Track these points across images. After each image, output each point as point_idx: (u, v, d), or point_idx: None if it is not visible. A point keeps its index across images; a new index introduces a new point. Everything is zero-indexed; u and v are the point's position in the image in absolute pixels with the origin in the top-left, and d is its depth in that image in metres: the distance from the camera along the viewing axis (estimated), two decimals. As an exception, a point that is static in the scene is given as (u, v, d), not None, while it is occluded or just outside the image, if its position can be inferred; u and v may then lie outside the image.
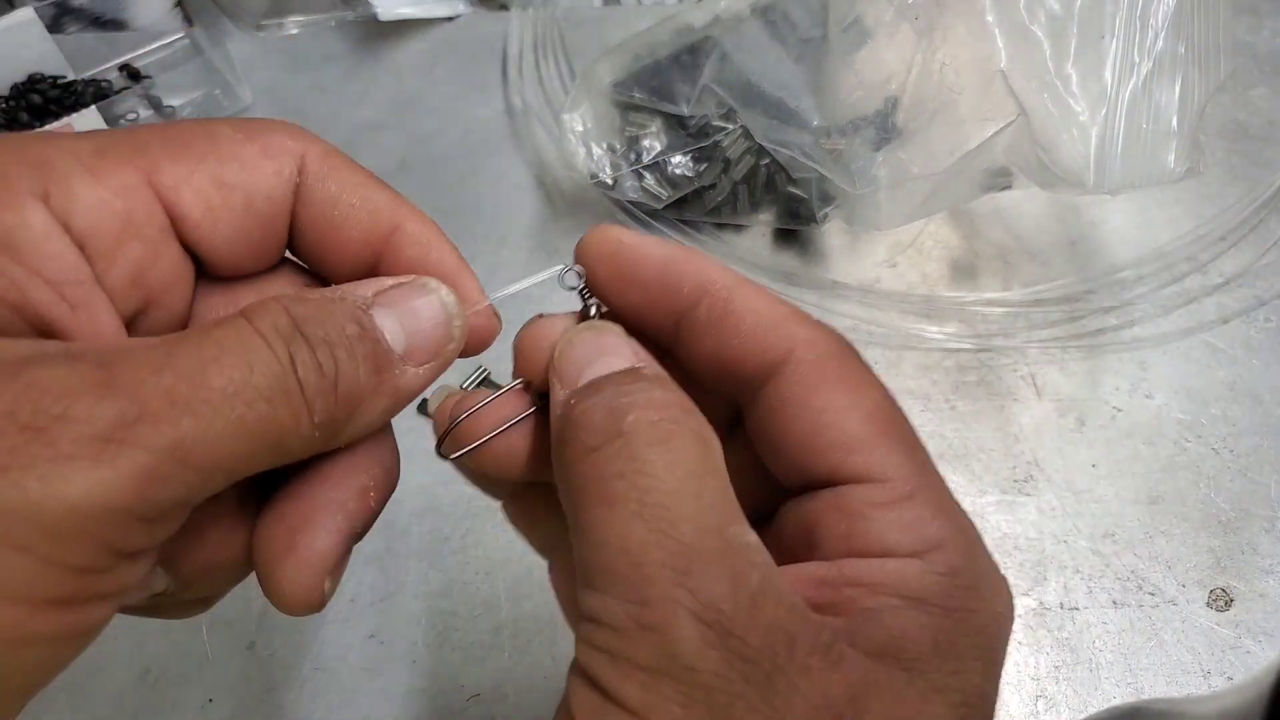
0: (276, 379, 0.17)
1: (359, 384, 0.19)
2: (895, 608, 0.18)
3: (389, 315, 0.20)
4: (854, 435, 0.19)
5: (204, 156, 0.20)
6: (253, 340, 0.17)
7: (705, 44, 0.45)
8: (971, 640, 0.18)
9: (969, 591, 0.18)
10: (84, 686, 0.36)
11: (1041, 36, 0.38)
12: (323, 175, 0.21)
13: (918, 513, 0.19)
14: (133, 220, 0.19)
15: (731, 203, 0.45)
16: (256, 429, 0.17)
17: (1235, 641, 0.35)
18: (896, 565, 0.18)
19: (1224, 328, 0.43)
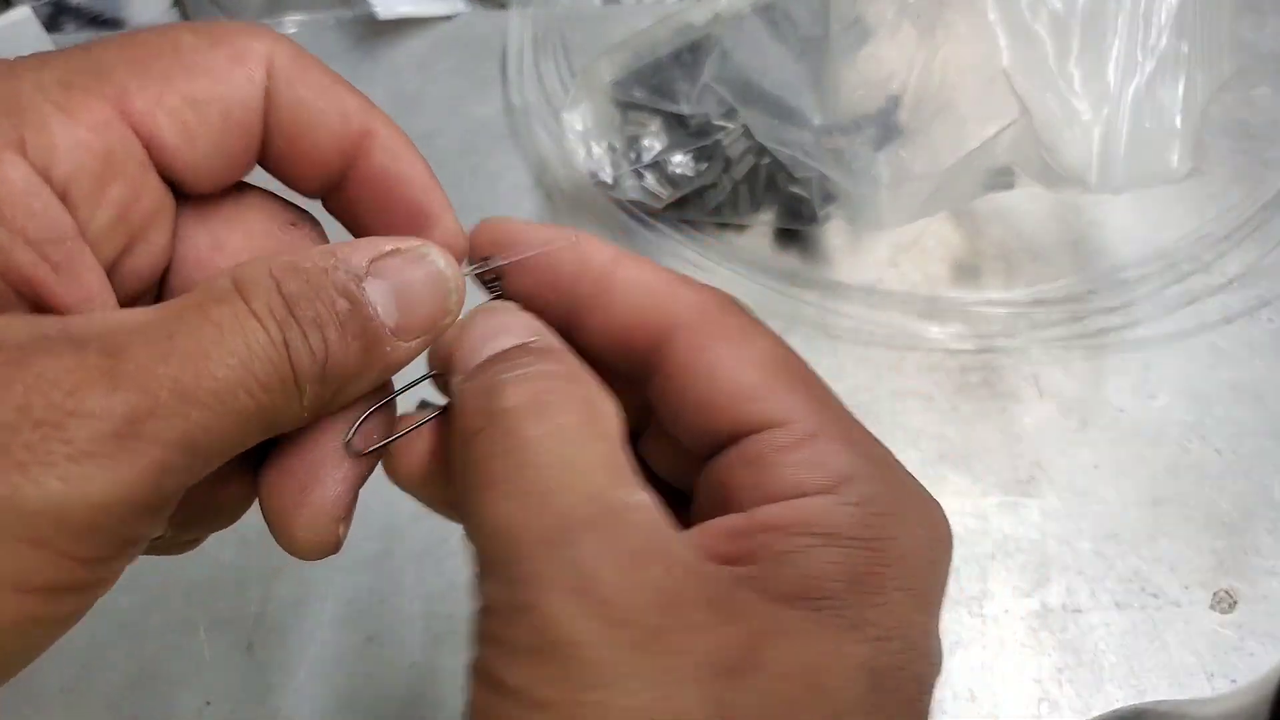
0: (274, 367, 0.17)
1: (348, 363, 0.18)
2: (807, 547, 0.17)
3: (383, 287, 0.19)
4: (748, 384, 0.19)
5: (172, 73, 0.19)
6: (249, 323, 0.17)
7: (706, 42, 0.44)
8: (894, 570, 0.17)
9: (886, 519, 0.18)
10: (81, 689, 0.36)
11: (1044, 35, 0.38)
12: (292, 78, 0.20)
13: (824, 448, 0.18)
14: (113, 159, 0.18)
15: (732, 202, 0.45)
16: (255, 415, 0.17)
17: (1239, 643, 0.35)
18: (806, 503, 0.18)
19: (1228, 328, 0.43)
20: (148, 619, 0.38)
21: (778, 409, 0.19)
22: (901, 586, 0.18)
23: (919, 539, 0.18)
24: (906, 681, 0.18)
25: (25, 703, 0.36)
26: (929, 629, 0.18)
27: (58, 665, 0.37)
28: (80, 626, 0.40)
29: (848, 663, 0.16)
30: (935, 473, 0.40)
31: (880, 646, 0.17)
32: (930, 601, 0.18)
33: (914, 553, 0.18)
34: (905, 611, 0.17)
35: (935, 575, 0.19)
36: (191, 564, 0.39)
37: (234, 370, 0.17)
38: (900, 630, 0.17)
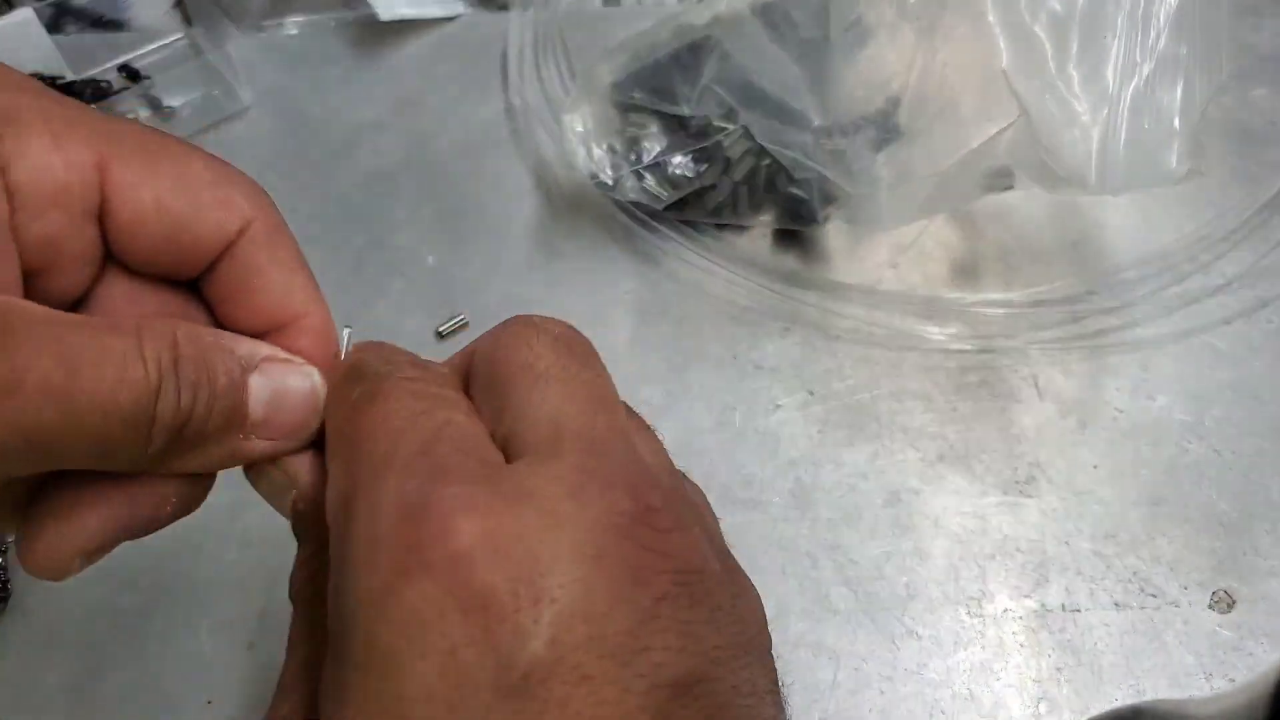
0: (139, 405, 0.17)
1: (204, 433, 0.19)
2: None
3: (264, 383, 0.20)
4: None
5: (161, 175, 0.20)
6: (134, 359, 0.17)
7: (706, 44, 0.45)
8: (346, 657, 0.17)
9: (336, 601, 0.18)
10: (82, 689, 0.36)
11: (1043, 36, 0.38)
12: (258, 244, 0.21)
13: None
14: (67, 194, 0.19)
15: (732, 203, 0.45)
16: (98, 436, 0.17)
17: (1238, 643, 0.35)
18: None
19: (1226, 328, 0.43)
20: (149, 618, 0.38)
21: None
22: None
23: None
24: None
25: (26, 702, 0.36)
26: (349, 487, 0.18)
27: (58, 664, 0.37)
28: (82, 626, 0.40)
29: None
30: (934, 473, 0.40)
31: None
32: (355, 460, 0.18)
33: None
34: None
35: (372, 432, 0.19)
36: (193, 564, 0.39)
37: (102, 389, 0.17)
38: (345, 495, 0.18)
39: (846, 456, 0.40)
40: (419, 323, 0.45)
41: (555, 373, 0.19)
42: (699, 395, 0.42)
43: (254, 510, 0.40)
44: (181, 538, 0.40)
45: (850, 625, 0.36)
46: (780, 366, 0.43)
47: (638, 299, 0.46)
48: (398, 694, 0.15)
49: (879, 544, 0.38)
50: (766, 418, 0.41)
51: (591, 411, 0.19)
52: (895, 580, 0.37)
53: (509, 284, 0.46)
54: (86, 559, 0.20)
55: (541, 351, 0.20)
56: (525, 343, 0.20)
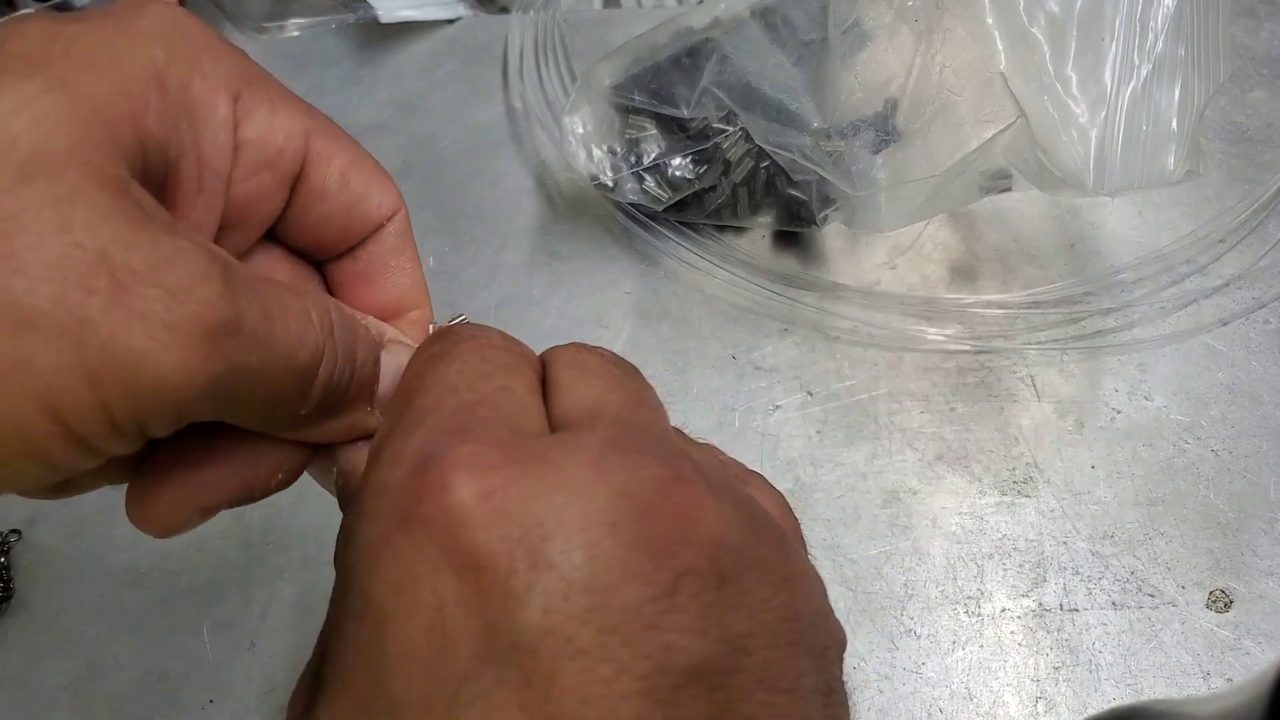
0: (311, 362, 0.18)
1: (343, 401, 0.20)
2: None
3: (391, 361, 0.21)
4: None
5: (346, 152, 0.22)
6: (310, 324, 0.18)
7: (705, 46, 0.45)
8: (344, 606, 0.16)
9: (342, 547, 0.18)
10: (84, 688, 0.36)
11: (1041, 38, 0.38)
12: (399, 234, 0.23)
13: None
14: (280, 158, 0.20)
15: (732, 205, 0.45)
16: (275, 388, 0.18)
17: (1235, 643, 0.35)
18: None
19: (1223, 329, 0.43)
20: (151, 618, 0.38)
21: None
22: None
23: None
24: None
25: (28, 702, 0.36)
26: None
27: (60, 664, 0.37)
28: (84, 625, 0.40)
29: None
30: (932, 473, 0.40)
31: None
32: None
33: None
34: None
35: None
36: (195, 564, 0.39)
37: (290, 342, 0.18)
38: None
39: (845, 457, 0.40)
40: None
41: (600, 371, 0.20)
42: (698, 396, 0.42)
43: (256, 510, 0.40)
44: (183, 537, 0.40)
45: (849, 625, 0.36)
46: (779, 367, 0.43)
47: (637, 300, 0.46)
48: (382, 648, 0.15)
49: (877, 544, 0.38)
50: (765, 418, 0.42)
51: (635, 404, 0.19)
52: (894, 580, 0.37)
53: (510, 285, 0.46)
54: (202, 516, 0.20)
55: (590, 358, 0.20)
56: (575, 350, 0.20)
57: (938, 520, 0.39)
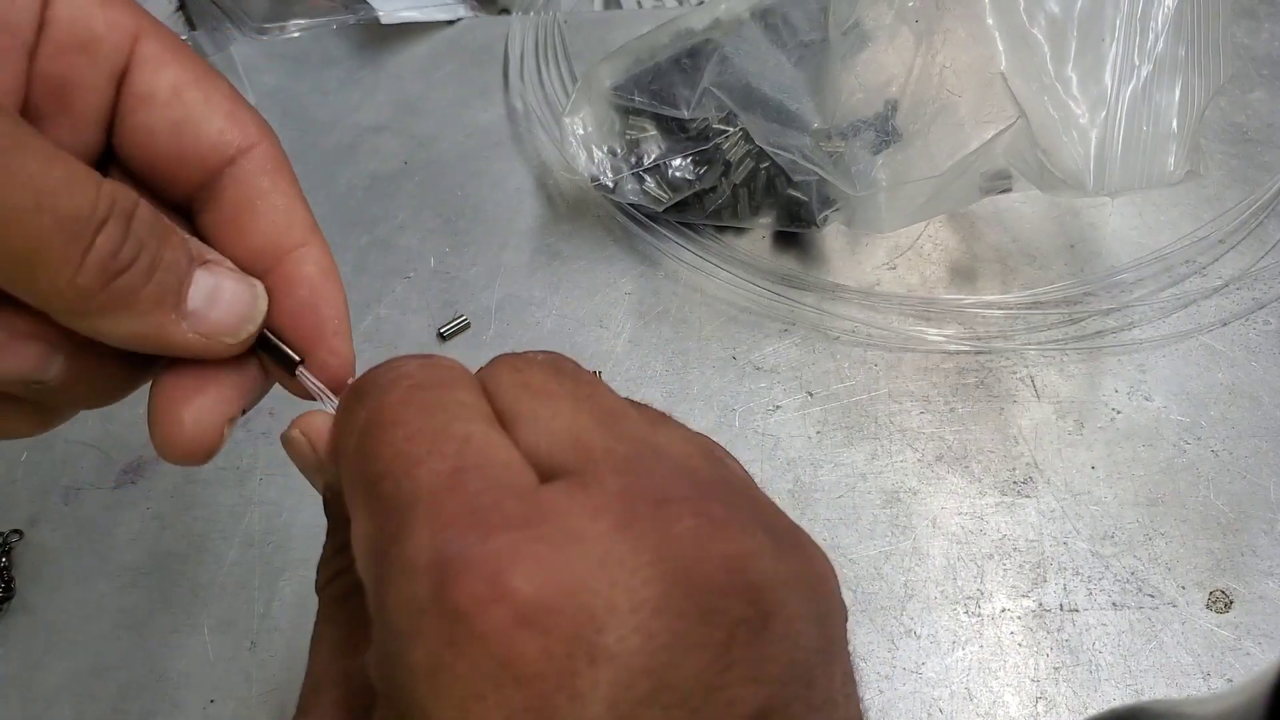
0: (75, 218, 0.17)
1: (137, 295, 0.19)
2: None
3: (207, 278, 0.20)
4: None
5: (185, 69, 0.21)
6: (89, 185, 0.18)
7: (705, 47, 0.45)
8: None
9: (383, 665, 0.17)
10: (85, 687, 0.37)
11: (1041, 39, 0.38)
12: (261, 169, 0.22)
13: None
14: (97, 45, 0.20)
15: (732, 205, 0.45)
16: (29, 233, 0.17)
17: (1235, 643, 0.35)
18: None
19: (1223, 330, 0.43)
20: (152, 618, 0.38)
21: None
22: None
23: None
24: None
25: (30, 701, 0.36)
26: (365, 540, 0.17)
27: (62, 663, 0.37)
28: (85, 625, 0.40)
29: None
30: (932, 473, 0.40)
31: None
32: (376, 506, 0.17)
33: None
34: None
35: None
36: (195, 564, 0.39)
37: (48, 179, 0.17)
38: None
39: (845, 457, 0.40)
40: (421, 324, 0.45)
41: (553, 388, 0.19)
42: (698, 396, 0.43)
43: (256, 511, 0.40)
44: (184, 537, 0.40)
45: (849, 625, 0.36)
46: (779, 368, 0.43)
47: (638, 300, 0.46)
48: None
49: (877, 544, 0.38)
50: (765, 418, 0.42)
51: (609, 424, 0.18)
52: (894, 580, 0.37)
53: (510, 285, 0.46)
54: (230, 426, 0.21)
55: (532, 374, 0.19)
56: (514, 369, 0.19)
57: (937, 520, 0.39)
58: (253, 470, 0.41)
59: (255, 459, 0.42)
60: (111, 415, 0.43)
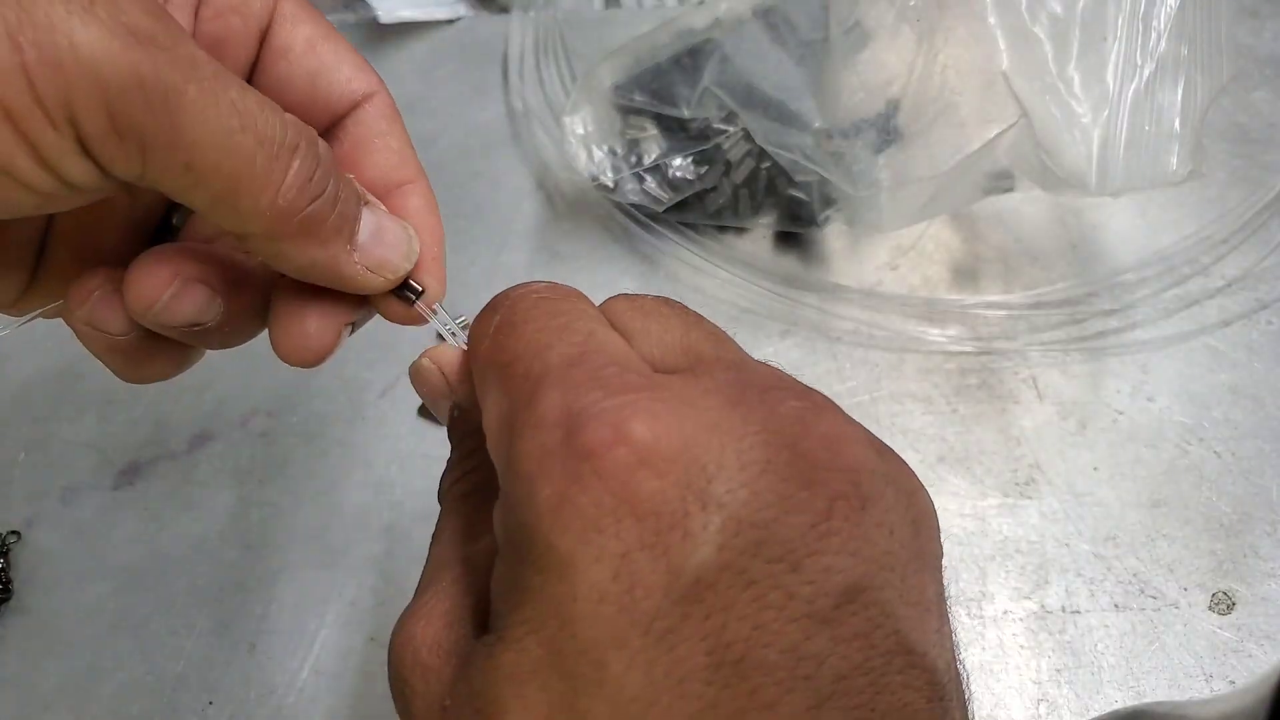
0: (276, 141, 0.19)
1: (323, 224, 0.21)
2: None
3: (370, 216, 0.22)
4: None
5: (319, 26, 0.24)
6: (282, 113, 0.19)
7: (706, 46, 0.45)
8: (525, 561, 0.17)
9: (511, 510, 0.18)
10: (83, 689, 0.36)
11: (1043, 38, 0.38)
12: (380, 114, 0.26)
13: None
14: (247, 5, 0.22)
15: (733, 205, 0.45)
16: (238, 152, 0.18)
17: (1238, 645, 0.35)
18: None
19: (1226, 330, 0.43)
20: (150, 620, 0.38)
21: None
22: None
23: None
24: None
25: (27, 703, 0.36)
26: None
27: (59, 665, 0.37)
28: (83, 627, 0.40)
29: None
30: (934, 474, 0.40)
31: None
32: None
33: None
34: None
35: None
36: (194, 565, 0.39)
37: (248, 107, 0.19)
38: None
39: (847, 458, 0.40)
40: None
41: (665, 311, 0.21)
42: (699, 397, 0.42)
43: (255, 512, 0.40)
44: (182, 539, 0.40)
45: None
46: (780, 368, 0.43)
47: (638, 301, 0.46)
48: (573, 594, 0.16)
49: (879, 545, 0.38)
50: (767, 419, 0.41)
51: (717, 339, 0.20)
52: (895, 582, 0.37)
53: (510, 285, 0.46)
54: (347, 331, 0.23)
55: (645, 301, 0.21)
56: (629, 299, 0.21)
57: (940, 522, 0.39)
58: (251, 472, 0.41)
59: (254, 460, 0.42)
60: (108, 416, 0.43)
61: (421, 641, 0.19)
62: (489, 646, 0.17)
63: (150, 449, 0.42)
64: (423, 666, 0.18)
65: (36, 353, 0.45)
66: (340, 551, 0.39)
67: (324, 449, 0.42)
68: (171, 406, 0.43)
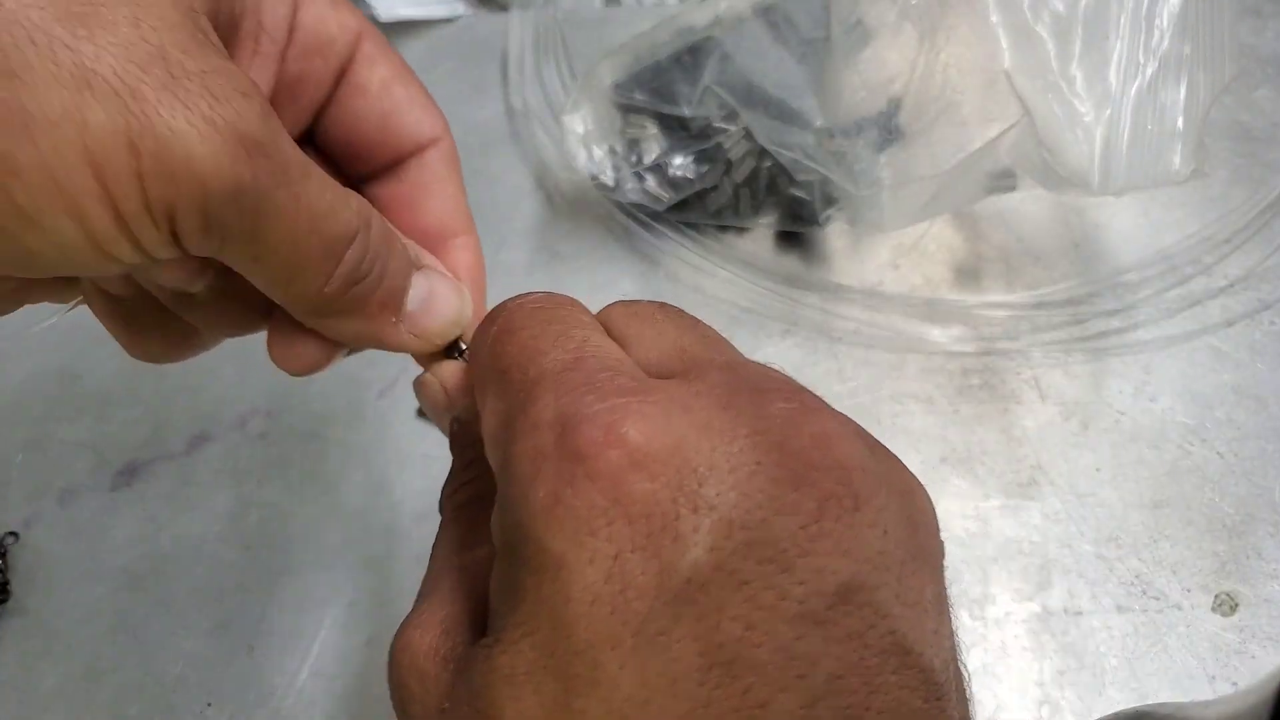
0: (343, 236, 0.20)
1: (368, 301, 0.21)
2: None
3: (423, 283, 0.23)
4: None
5: (395, 66, 0.24)
6: (349, 205, 0.20)
7: (707, 45, 0.44)
8: (519, 564, 0.17)
9: (505, 512, 0.18)
10: (81, 691, 0.36)
11: (1046, 37, 0.38)
12: (442, 161, 0.25)
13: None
14: (331, 46, 0.23)
15: (734, 205, 0.45)
16: (299, 246, 0.19)
17: (1240, 646, 0.35)
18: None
19: (1228, 330, 0.43)
20: (149, 621, 0.38)
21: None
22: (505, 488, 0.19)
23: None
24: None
25: (25, 705, 0.36)
26: (511, 528, 0.18)
27: (57, 667, 0.37)
28: (81, 628, 0.40)
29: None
30: (936, 475, 0.40)
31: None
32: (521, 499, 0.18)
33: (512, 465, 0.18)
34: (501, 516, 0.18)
35: (521, 471, 0.18)
36: (193, 566, 0.39)
37: (320, 206, 0.19)
38: (503, 538, 0.18)
39: (848, 459, 0.40)
40: (419, 324, 0.45)
41: (659, 317, 0.21)
42: (700, 397, 0.42)
43: (254, 513, 0.40)
44: (181, 540, 0.40)
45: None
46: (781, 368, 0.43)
47: (638, 300, 0.45)
48: (566, 596, 0.16)
49: (880, 546, 0.38)
50: (768, 420, 0.41)
51: (711, 342, 0.21)
52: (897, 583, 0.37)
53: (509, 285, 0.46)
54: (342, 355, 0.24)
55: (640, 307, 0.21)
56: (625, 306, 0.22)
57: (942, 523, 0.38)
58: (250, 472, 0.41)
59: (253, 460, 0.41)
60: (106, 416, 0.43)
61: (419, 648, 0.19)
62: (486, 649, 0.17)
63: (148, 450, 0.42)
64: (420, 672, 0.19)
65: (34, 353, 0.45)
66: (339, 552, 0.39)
67: (323, 450, 0.42)
68: (170, 407, 0.43)
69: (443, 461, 0.25)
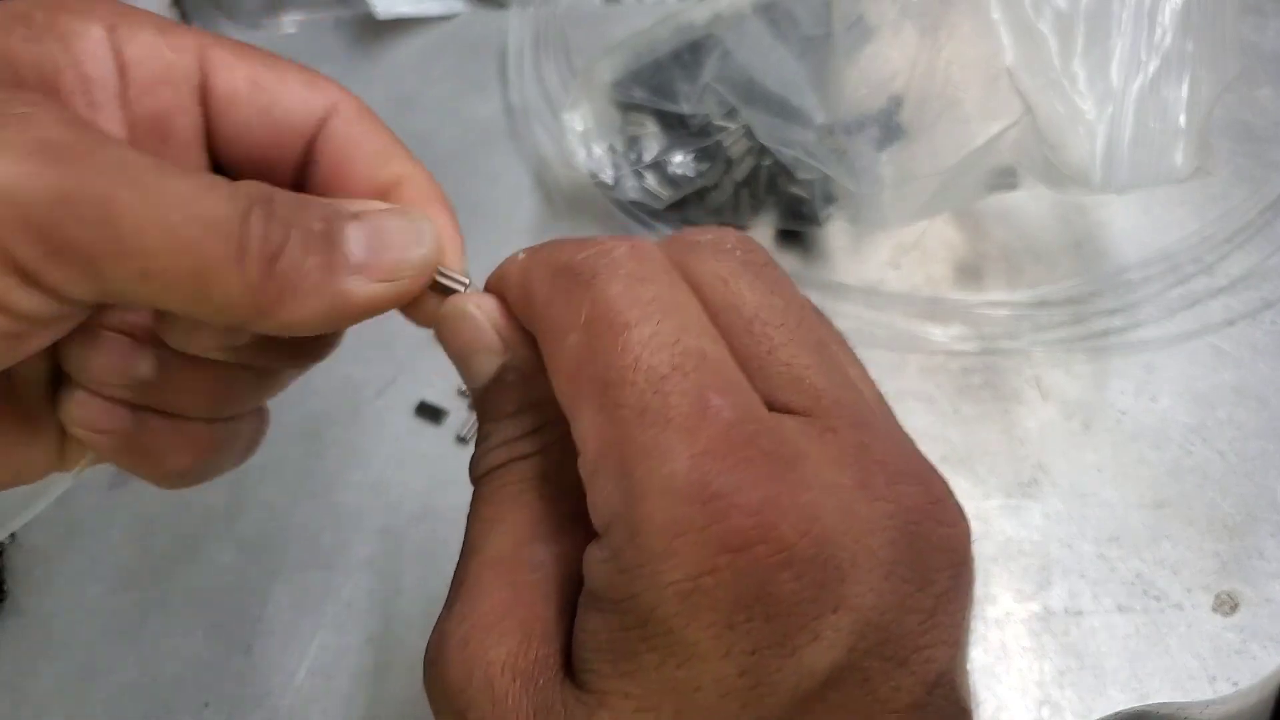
0: (222, 220, 0.18)
1: (300, 270, 0.19)
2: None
3: (360, 227, 0.20)
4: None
5: (253, 60, 0.22)
6: (220, 188, 0.18)
7: (707, 42, 0.44)
8: (637, 633, 0.16)
9: (628, 575, 0.16)
10: (77, 691, 0.36)
11: (1048, 34, 0.38)
12: (349, 121, 0.23)
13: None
14: (174, 71, 0.21)
15: (734, 203, 0.45)
16: (190, 246, 0.17)
17: (1241, 646, 0.35)
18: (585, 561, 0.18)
19: (1230, 330, 0.43)
20: (146, 620, 0.38)
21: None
22: (651, 648, 0.17)
23: (659, 588, 0.16)
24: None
25: (21, 706, 0.36)
26: (693, 679, 0.16)
27: (54, 667, 0.37)
28: (77, 628, 0.40)
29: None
30: (937, 475, 0.39)
31: (638, 718, 0.17)
32: (690, 649, 0.16)
33: (656, 608, 0.16)
34: (654, 673, 0.17)
35: (685, 619, 0.16)
36: (191, 566, 0.39)
37: (183, 191, 0.17)
38: (653, 698, 0.17)
39: (848, 458, 0.40)
40: (417, 322, 0.45)
41: (765, 315, 0.19)
42: (699, 396, 0.42)
43: (252, 512, 0.40)
44: (177, 540, 0.39)
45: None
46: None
47: (638, 299, 0.45)
48: (696, 684, 0.16)
49: (881, 546, 0.38)
50: (767, 419, 0.41)
51: (826, 363, 0.19)
52: (897, 583, 0.37)
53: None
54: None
55: (739, 289, 0.19)
56: (715, 261, 0.19)
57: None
58: (247, 471, 0.41)
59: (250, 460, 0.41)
60: (104, 415, 0.43)
61: (494, 659, 0.17)
62: (588, 708, 0.17)
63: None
64: (494, 691, 0.17)
65: (30, 351, 0.44)
66: (337, 552, 0.39)
67: (320, 449, 0.41)
68: (167, 405, 0.43)
69: (441, 462, 0.24)
